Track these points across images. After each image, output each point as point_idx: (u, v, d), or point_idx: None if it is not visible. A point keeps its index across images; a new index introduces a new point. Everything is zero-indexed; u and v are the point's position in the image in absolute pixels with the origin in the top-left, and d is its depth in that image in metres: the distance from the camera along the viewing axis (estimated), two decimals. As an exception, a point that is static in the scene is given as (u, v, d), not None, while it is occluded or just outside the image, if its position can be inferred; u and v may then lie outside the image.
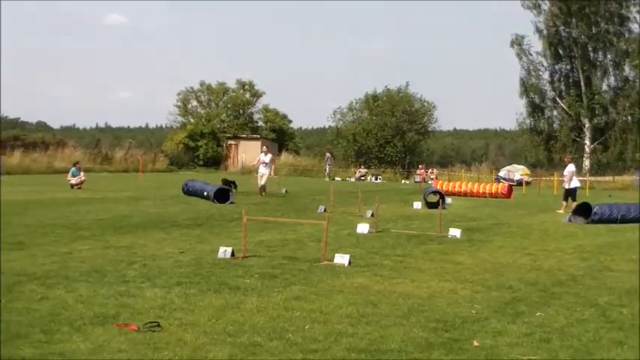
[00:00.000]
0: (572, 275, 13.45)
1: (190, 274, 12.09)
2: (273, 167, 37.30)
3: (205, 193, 29.43)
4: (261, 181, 34.56)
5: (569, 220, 25.12)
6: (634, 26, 75.29)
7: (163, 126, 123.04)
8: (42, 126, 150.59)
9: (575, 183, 31.04)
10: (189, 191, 31.51)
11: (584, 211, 25.54)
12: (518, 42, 77.80)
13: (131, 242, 15.98)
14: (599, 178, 69.32)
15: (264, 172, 34.74)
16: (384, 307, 9.97)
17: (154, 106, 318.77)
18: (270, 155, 35.71)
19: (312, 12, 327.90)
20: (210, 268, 12.80)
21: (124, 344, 7.68)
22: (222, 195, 28.44)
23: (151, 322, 8.41)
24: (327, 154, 71.11)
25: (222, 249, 14.24)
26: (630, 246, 18.45)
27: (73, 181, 36.02)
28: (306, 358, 7.47)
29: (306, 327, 8.69)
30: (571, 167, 31.24)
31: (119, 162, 67.55)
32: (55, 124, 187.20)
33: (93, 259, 13.45)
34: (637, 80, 75.18)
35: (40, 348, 7.47)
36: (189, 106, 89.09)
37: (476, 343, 8.15)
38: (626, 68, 75.89)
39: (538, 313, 9.90)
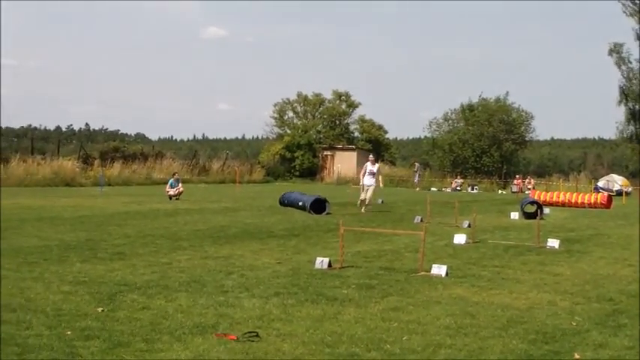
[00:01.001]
0: (675, 287, 13.18)
1: (288, 284, 12.14)
2: (381, 178, 34.03)
3: (301, 204, 29.55)
4: (367, 194, 31.43)
5: (672, 231, 24.64)
6: None
7: (260, 137, 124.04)
8: (141, 138, 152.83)
9: None
10: (285, 202, 31.65)
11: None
12: (616, 50, 76.71)
13: (229, 252, 16.12)
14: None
15: (370, 183, 31.60)
16: (483, 318, 9.90)
17: (250, 118, 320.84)
18: (377, 165, 33.36)
19: (407, 20, 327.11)
20: (308, 278, 12.84)
21: (223, 354, 7.75)
22: (318, 206, 28.52)
23: (250, 332, 8.47)
24: (417, 164, 70.93)
25: (319, 259, 14.27)
26: None
27: (172, 192, 36.48)
28: (405, 369, 7.46)
29: (404, 338, 8.66)
30: None
31: (216, 173, 68.20)
32: (154, 136, 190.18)
33: (192, 269, 13.60)
34: None
35: (142, 357, 7.59)
36: (286, 117, 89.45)
37: (577, 356, 8.04)
38: None
39: (640, 326, 9.72)
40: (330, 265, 14.05)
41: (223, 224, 22.83)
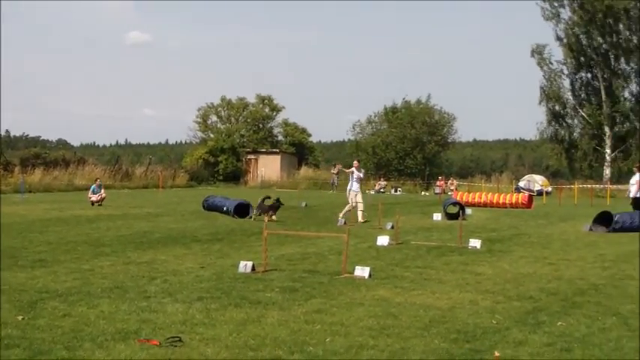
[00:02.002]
0: (593, 284, 13.42)
1: (211, 288, 12.11)
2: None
3: (225, 208, 29.48)
4: (360, 205, 28.59)
5: (590, 230, 25.05)
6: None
7: (183, 142, 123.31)
8: (62, 144, 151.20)
9: None
10: (209, 206, 31.55)
11: (605, 219, 25.46)
12: (538, 51, 77.85)
13: (152, 258, 16.03)
14: (620, 187, 69.04)
15: (357, 189, 29.12)
16: (405, 319, 9.98)
17: (173, 123, 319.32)
18: (363, 171, 31.38)
19: (328, 26, 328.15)
20: (231, 282, 12.82)
21: (145, 359, 7.71)
22: (241, 210, 28.48)
23: (173, 337, 8.44)
24: (337, 167, 71.35)
25: (242, 263, 14.26)
26: (652, 254, 18.40)
27: (94, 198, 36.07)
28: (326, 371, 7.49)
29: (327, 340, 8.70)
30: (637, 177, 30.56)
31: (139, 178, 67.61)
32: (76, 142, 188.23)
33: (114, 275, 13.49)
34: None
35: (63, 364, 7.52)
36: (209, 122, 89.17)
37: (497, 354, 8.13)
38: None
39: (559, 323, 9.88)
40: (253, 268, 14.05)
41: (146, 230, 22.68)
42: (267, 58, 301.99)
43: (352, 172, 29.43)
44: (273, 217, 26.92)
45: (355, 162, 30.96)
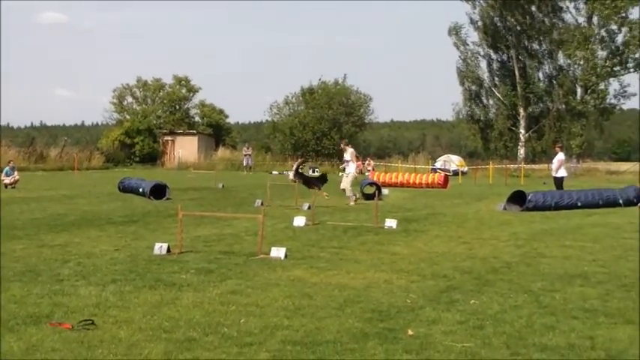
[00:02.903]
0: (506, 262, 13.61)
1: (125, 271, 12.01)
2: (356, 165, 31.96)
3: (141, 190, 29.24)
4: (348, 184, 28.60)
5: (504, 209, 25.39)
6: (567, 16, 76.61)
7: (99, 123, 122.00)
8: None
9: (562, 172, 30.79)
10: (125, 188, 31.27)
11: (518, 199, 25.82)
12: (455, 31, 78.69)
13: (66, 241, 15.83)
14: (534, 166, 70.15)
15: (349, 170, 29.18)
16: (320, 299, 10.00)
17: (90, 104, 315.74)
18: (351, 149, 30.12)
19: (250, 4, 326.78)
20: (146, 264, 12.73)
21: (57, 343, 7.61)
22: (158, 191, 28.27)
23: (86, 320, 8.34)
24: (246, 146, 71.23)
25: (158, 245, 14.16)
26: (564, 232, 18.74)
27: (7, 180, 35.54)
28: (242, 351, 7.47)
29: (242, 321, 8.69)
30: (560, 156, 30.94)
31: (54, 160, 66.66)
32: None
33: (27, 258, 13.30)
34: (571, 69, 76.39)
35: (-28, 349, 7.40)
36: (125, 103, 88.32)
37: (410, 332, 8.21)
38: (560, 57, 77.25)
39: (472, 301, 10.00)
40: (169, 250, 13.97)
41: (61, 212, 22.40)
42: (182, 39, 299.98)
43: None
44: (324, 194, 27.92)
45: (344, 142, 32.11)
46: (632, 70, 74.03)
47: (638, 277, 12.29)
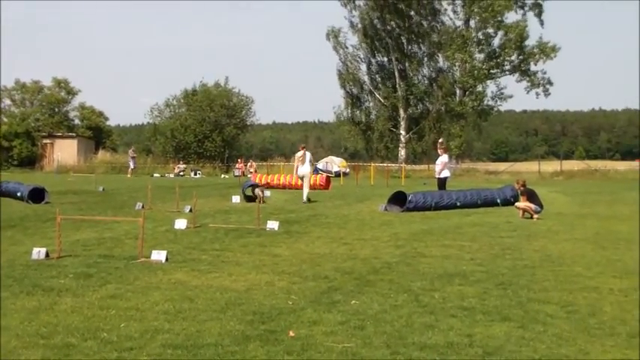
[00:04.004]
0: (387, 263, 13.74)
1: (2, 277, 11.75)
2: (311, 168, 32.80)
3: (19, 194, 28.66)
4: (307, 187, 30.46)
5: (386, 209, 25.65)
6: (445, 19, 77.99)
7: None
8: None
9: (445, 173, 31.17)
10: (2, 192, 30.60)
11: (399, 199, 26.12)
12: (334, 34, 79.14)
13: (-61, 247, 15.43)
14: (414, 167, 71.13)
15: (305, 172, 30.64)
16: (201, 302, 9.95)
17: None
18: (309, 153, 31.14)
19: (123, 10, 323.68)
20: (24, 270, 12.47)
21: None
22: (37, 195, 27.76)
23: (-41, 328, 8.16)
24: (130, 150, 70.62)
25: (36, 250, 13.89)
26: (444, 232, 19.03)
27: None
28: (121, 356, 7.39)
29: (122, 325, 8.59)
30: (444, 158, 31.35)
31: None
32: None
33: None
34: (450, 71, 77.77)
35: None
36: (2, 106, 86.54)
37: (291, 334, 8.23)
38: (440, 59, 78.57)
39: (353, 301, 10.06)
40: (47, 255, 13.72)
41: None
42: (61, 39, 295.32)
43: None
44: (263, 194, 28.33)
45: (302, 146, 31.84)
46: (508, 72, 75.87)
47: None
